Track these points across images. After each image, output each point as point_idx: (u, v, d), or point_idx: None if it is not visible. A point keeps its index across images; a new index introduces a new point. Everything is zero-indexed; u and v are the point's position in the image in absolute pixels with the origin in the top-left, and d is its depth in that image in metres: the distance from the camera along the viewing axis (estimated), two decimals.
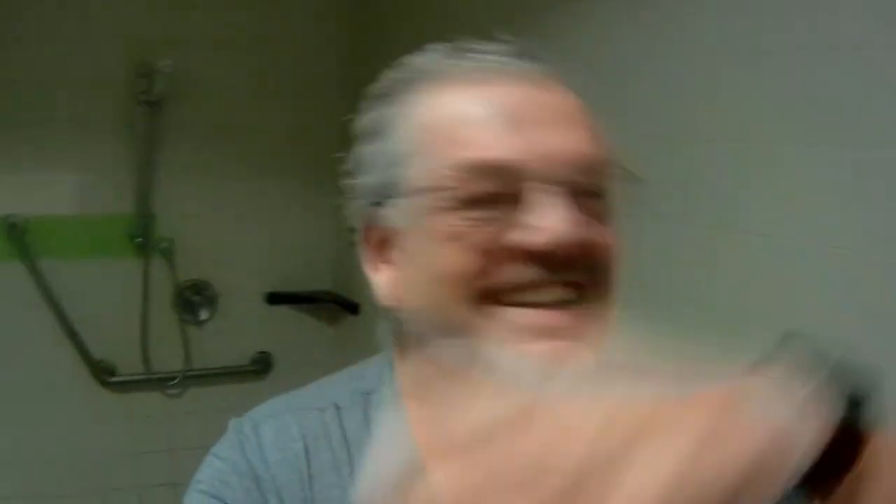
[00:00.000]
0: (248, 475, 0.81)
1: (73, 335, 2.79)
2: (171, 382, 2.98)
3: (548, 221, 0.70)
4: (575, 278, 0.72)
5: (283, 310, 3.16)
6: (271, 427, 0.84)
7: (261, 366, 3.14)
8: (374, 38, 2.94)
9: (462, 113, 0.74)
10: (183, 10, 2.80)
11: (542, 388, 0.50)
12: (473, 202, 0.71)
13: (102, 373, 2.86)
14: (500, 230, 0.71)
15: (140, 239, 2.85)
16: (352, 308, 3.07)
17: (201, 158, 2.89)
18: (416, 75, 0.77)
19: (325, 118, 3.02)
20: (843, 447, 0.53)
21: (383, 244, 0.78)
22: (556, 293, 0.72)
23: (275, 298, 3.13)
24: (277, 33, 2.98)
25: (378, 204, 0.77)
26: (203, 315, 3.03)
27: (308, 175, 3.04)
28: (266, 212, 3.05)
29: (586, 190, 0.72)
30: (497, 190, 0.71)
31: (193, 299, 3.00)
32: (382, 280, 0.79)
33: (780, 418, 0.47)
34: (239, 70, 2.92)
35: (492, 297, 0.72)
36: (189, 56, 2.78)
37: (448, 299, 0.73)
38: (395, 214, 0.76)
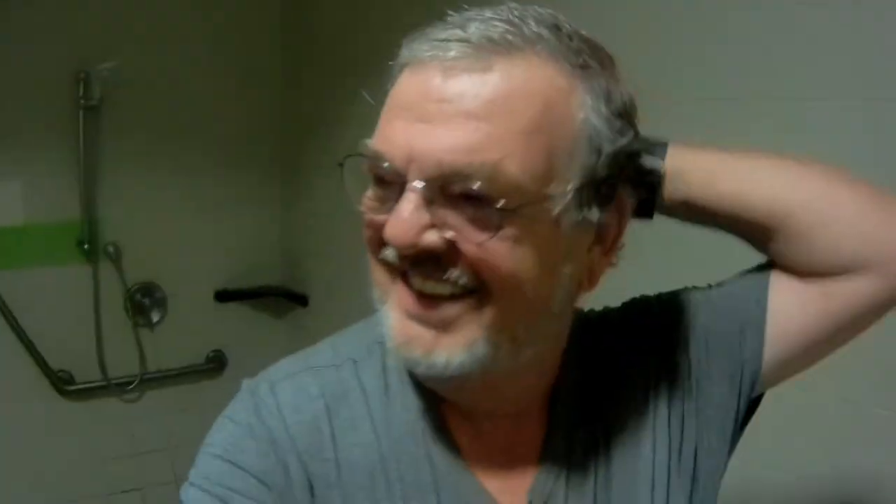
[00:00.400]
0: (265, 439, 0.80)
1: (28, 346, 2.76)
2: (129, 387, 2.97)
3: (394, 217, 0.71)
4: (449, 276, 0.73)
5: (233, 307, 3.16)
6: (289, 388, 0.83)
7: (215, 364, 3.15)
8: (312, 29, 2.93)
9: (390, 100, 0.76)
10: (118, 12, 2.78)
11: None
12: (376, 183, 0.76)
13: (60, 382, 2.84)
14: (388, 212, 0.73)
15: (87, 245, 2.82)
16: (301, 300, 3.12)
17: (143, 160, 2.87)
18: (397, 56, 0.78)
19: (267, 113, 3.06)
20: None
21: None
22: (432, 285, 0.74)
23: (224, 296, 3.13)
24: (214, 29, 2.97)
25: None
26: (155, 317, 3.03)
27: (250, 171, 3.08)
28: (210, 210, 3.04)
29: (462, 194, 0.71)
30: (387, 177, 0.74)
31: (144, 302, 2.99)
32: None
33: None
34: (177, 69, 2.90)
35: (396, 268, 0.76)
36: (127, 57, 2.76)
37: (371, 262, 0.79)
38: None
